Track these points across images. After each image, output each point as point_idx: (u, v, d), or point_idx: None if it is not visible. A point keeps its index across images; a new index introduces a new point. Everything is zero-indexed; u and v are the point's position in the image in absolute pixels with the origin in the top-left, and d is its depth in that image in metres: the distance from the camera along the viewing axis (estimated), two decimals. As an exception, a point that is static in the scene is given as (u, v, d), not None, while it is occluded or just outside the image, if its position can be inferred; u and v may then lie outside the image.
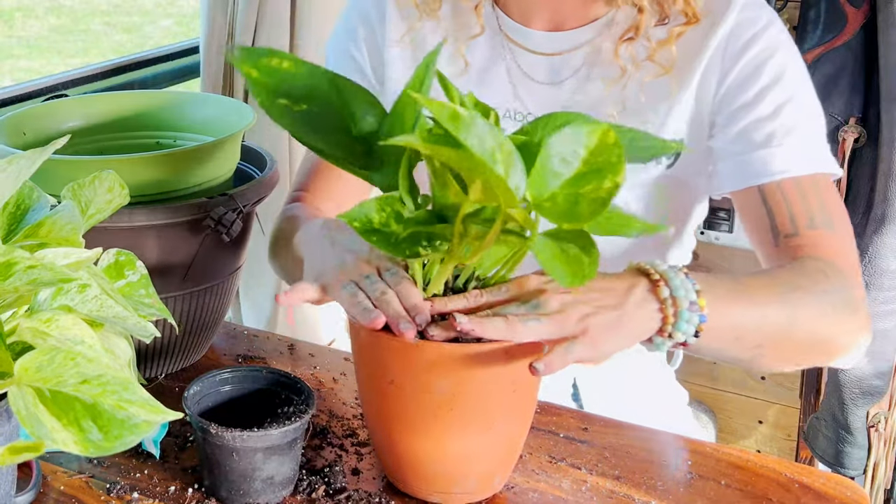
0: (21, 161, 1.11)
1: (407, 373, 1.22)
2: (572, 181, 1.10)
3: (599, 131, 1.09)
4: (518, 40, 1.67)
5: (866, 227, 2.33)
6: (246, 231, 1.72)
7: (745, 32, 1.57)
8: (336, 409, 1.56)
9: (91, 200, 1.29)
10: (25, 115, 1.80)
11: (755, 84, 1.55)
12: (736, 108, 1.57)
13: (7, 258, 1.04)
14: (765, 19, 1.58)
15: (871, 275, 2.34)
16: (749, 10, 1.58)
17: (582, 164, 1.10)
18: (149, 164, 1.58)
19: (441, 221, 1.16)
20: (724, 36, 1.57)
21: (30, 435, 0.98)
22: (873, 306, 2.32)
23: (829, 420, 2.43)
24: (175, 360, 1.70)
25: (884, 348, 2.36)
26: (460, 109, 1.03)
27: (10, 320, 1.09)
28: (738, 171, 1.56)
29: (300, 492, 1.36)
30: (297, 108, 1.26)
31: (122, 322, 1.15)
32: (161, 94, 2.00)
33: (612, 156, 1.08)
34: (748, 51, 1.56)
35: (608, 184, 1.08)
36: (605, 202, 1.08)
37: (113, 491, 1.37)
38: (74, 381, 1.01)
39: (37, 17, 11.21)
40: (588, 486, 1.37)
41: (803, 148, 1.53)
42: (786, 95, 1.55)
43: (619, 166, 1.08)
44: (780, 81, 1.55)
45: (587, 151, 1.10)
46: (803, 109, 1.56)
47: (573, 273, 1.06)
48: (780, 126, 1.54)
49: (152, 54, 2.83)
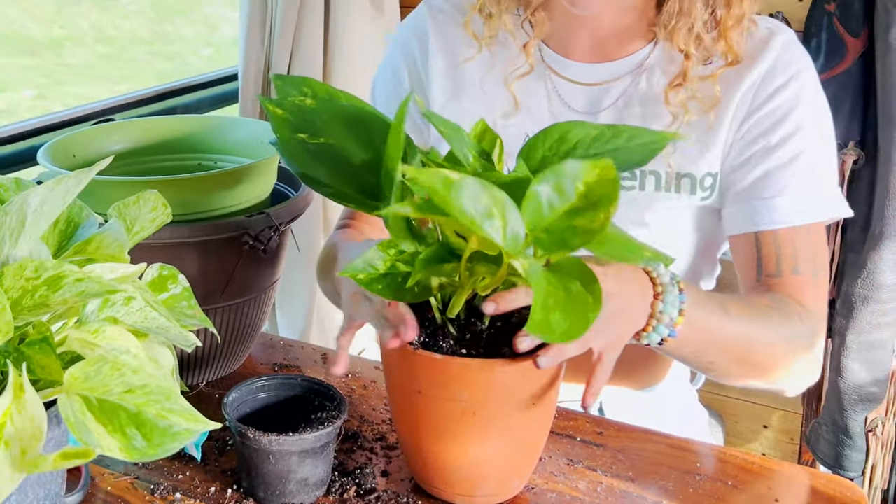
0: (69, 181, 1.11)
1: (433, 384, 1.23)
2: (568, 213, 1.07)
3: (601, 166, 1.05)
4: (559, 71, 1.66)
5: (864, 244, 2.34)
6: (282, 247, 1.72)
7: (779, 75, 1.55)
8: (366, 415, 1.56)
9: (136, 219, 1.29)
10: (75, 139, 1.81)
11: (779, 130, 1.54)
12: (756, 151, 1.56)
13: (57, 272, 1.04)
14: (800, 65, 1.57)
15: (869, 288, 2.34)
16: (787, 52, 1.57)
17: (579, 198, 1.07)
18: (190, 185, 1.59)
19: (450, 254, 1.15)
20: (759, 75, 1.56)
21: (78, 441, 0.98)
22: (869, 317, 2.34)
23: (830, 425, 2.44)
24: (215, 369, 1.70)
25: (881, 358, 2.37)
26: (450, 174, 1.02)
27: (60, 331, 1.10)
28: (744, 218, 1.56)
29: (333, 492, 1.36)
30: (312, 141, 1.26)
31: (165, 332, 1.16)
32: (202, 118, 2.00)
33: (609, 190, 1.05)
34: (778, 96, 1.55)
35: (602, 215, 1.05)
36: (597, 233, 1.06)
37: (157, 491, 1.37)
38: (120, 391, 1.01)
39: (85, 47, 11.26)
40: (603, 486, 1.38)
41: (808, 198, 1.54)
42: (804, 145, 1.54)
43: (615, 198, 1.05)
44: (801, 130, 1.54)
45: (586, 186, 1.06)
46: (818, 158, 1.55)
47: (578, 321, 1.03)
48: (791, 176, 1.53)
49: (193, 81, 2.85)
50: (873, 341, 2.36)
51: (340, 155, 1.27)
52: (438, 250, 1.15)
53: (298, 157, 1.27)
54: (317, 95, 1.31)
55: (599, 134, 1.23)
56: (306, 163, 1.27)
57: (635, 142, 1.22)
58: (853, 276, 2.35)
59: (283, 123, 1.26)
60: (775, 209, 1.53)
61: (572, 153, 1.23)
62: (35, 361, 1.04)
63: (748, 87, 1.56)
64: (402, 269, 1.16)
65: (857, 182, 2.37)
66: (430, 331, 1.27)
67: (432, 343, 1.25)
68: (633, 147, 1.22)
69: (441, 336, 1.26)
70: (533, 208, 1.07)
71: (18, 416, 0.95)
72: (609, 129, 1.23)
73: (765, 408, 2.70)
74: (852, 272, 2.35)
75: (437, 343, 1.25)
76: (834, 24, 2.35)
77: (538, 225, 1.08)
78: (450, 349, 1.24)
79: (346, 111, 1.28)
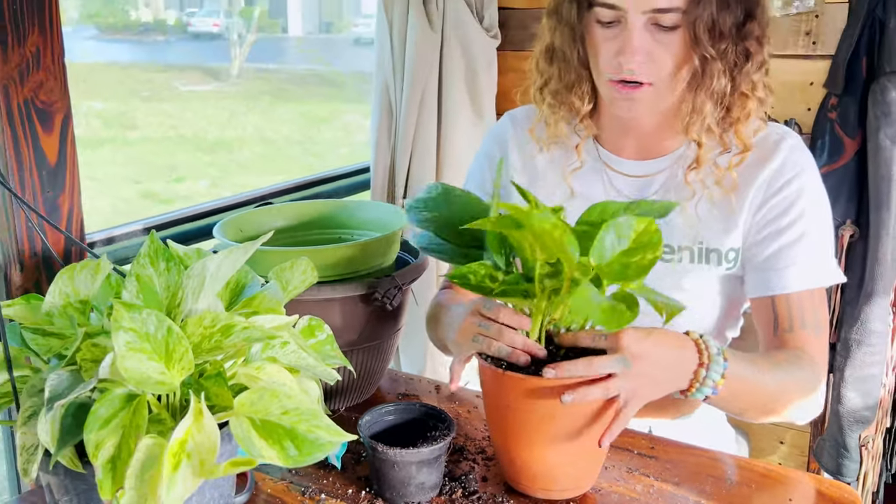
0: (238, 251, 1.13)
1: (518, 398, 1.27)
2: (625, 253, 1.20)
3: (646, 221, 1.21)
4: (612, 166, 1.66)
5: (859, 299, 2.37)
6: (404, 302, 1.73)
7: (787, 172, 1.56)
8: (470, 433, 1.57)
9: (290, 280, 1.31)
10: (242, 218, 1.84)
11: (787, 216, 1.55)
12: (770, 232, 1.56)
13: (229, 322, 1.06)
14: (803, 164, 1.57)
15: (863, 334, 2.37)
16: (794, 154, 1.57)
17: (632, 242, 1.20)
18: (332, 254, 1.61)
19: (526, 280, 1.23)
20: (771, 171, 1.56)
21: (245, 452, 1.00)
22: (863, 357, 2.39)
23: (832, 441, 2.47)
24: (352, 397, 1.71)
25: (872, 389, 2.41)
26: (523, 206, 1.19)
27: (231, 368, 1.12)
28: (761, 284, 1.57)
29: (444, 493, 1.37)
30: (432, 215, 1.37)
31: (312, 369, 1.17)
32: (341, 202, 2.02)
33: (653, 238, 1.20)
34: (786, 188, 1.55)
35: (650, 255, 1.20)
36: (647, 269, 1.20)
37: (307, 493, 1.39)
38: (278, 413, 1.03)
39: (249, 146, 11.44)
40: (655, 489, 1.38)
41: (813, 268, 1.54)
42: (808, 227, 1.55)
43: (658, 245, 1.20)
44: (805, 216, 1.55)
45: (636, 234, 1.20)
46: (820, 236, 1.56)
47: (614, 320, 1.13)
48: (800, 251, 1.54)
49: (334, 173, 2.86)
50: (865, 376, 2.39)
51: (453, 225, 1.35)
52: (517, 277, 1.24)
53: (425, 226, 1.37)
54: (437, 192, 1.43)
55: (626, 207, 1.29)
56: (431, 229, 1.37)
57: (650, 209, 1.30)
58: (850, 325, 2.38)
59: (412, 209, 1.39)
60: (786, 278, 1.54)
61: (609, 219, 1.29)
62: (211, 391, 1.06)
63: (762, 181, 1.56)
64: (488, 284, 1.25)
65: (853, 251, 2.41)
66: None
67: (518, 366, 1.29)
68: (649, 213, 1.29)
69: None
70: (600, 249, 1.20)
71: (198, 434, 0.97)
72: (632, 203, 1.30)
73: (780, 428, 2.71)
74: (849, 321, 2.38)
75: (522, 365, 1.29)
76: (835, 128, 2.38)
77: (604, 261, 1.20)
78: (531, 370, 1.27)
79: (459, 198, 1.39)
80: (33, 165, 1.65)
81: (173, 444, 0.95)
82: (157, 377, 1.00)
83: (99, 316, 1.17)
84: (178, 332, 1.02)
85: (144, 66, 15.25)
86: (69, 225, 1.72)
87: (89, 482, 1.06)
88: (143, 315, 1.01)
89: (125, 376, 0.98)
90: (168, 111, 12.63)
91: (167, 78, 14.45)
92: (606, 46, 1.50)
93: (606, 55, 1.50)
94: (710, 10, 1.43)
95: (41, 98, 1.64)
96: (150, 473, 0.95)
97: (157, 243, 1.16)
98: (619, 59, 1.47)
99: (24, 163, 1.63)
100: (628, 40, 1.46)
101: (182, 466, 0.94)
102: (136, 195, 9.11)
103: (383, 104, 2.80)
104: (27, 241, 1.66)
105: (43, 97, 1.65)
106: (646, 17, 1.44)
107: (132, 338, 1.00)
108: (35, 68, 1.63)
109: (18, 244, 1.65)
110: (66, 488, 1.09)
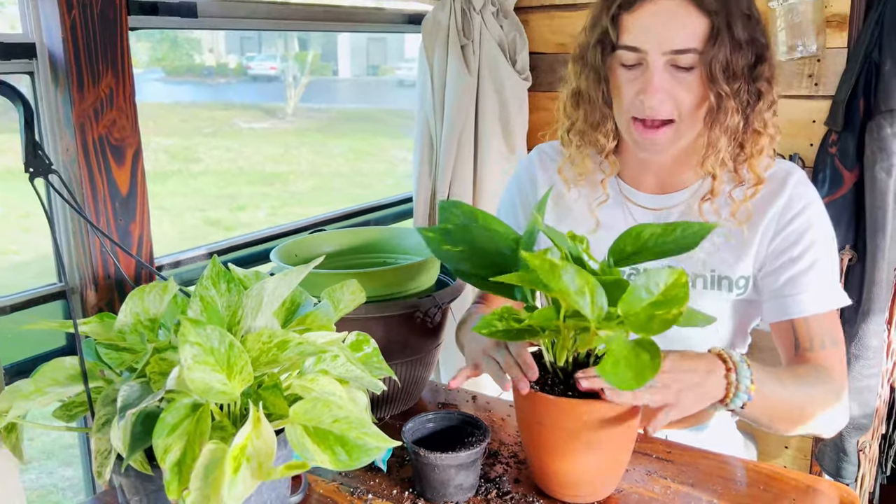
0: (293, 273, 1.14)
1: (547, 416, 1.27)
2: (652, 305, 1.15)
3: (676, 273, 1.16)
4: (633, 199, 1.67)
5: (857, 317, 2.38)
6: (444, 320, 1.73)
7: (795, 205, 1.56)
8: (504, 439, 1.56)
9: (340, 300, 1.32)
10: (296, 243, 1.85)
11: (798, 245, 1.55)
12: (784, 261, 1.55)
13: (284, 338, 1.07)
14: (808, 197, 1.57)
15: (860, 349, 2.38)
16: (799, 188, 1.57)
17: (659, 295, 1.15)
18: (378, 276, 1.61)
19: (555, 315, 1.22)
20: (781, 205, 1.56)
21: (299, 456, 1.00)
22: (861, 370, 2.38)
23: (832, 446, 2.48)
24: (396, 406, 1.70)
25: (868, 399, 2.40)
26: (556, 260, 1.13)
27: (286, 379, 1.12)
28: (779, 310, 1.56)
29: (479, 494, 1.37)
30: (455, 249, 1.34)
31: (360, 380, 1.18)
32: (386, 229, 2.03)
33: (681, 292, 1.14)
34: (796, 220, 1.55)
35: (675, 310, 1.13)
36: (670, 324, 1.13)
37: (355, 493, 1.39)
38: (329, 421, 1.04)
39: (303, 179, 11.50)
40: (672, 490, 1.37)
41: (826, 292, 1.54)
42: (817, 255, 1.54)
43: (684, 300, 1.13)
44: (815, 245, 1.55)
45: (665, 286, 1.15)
46: (829, 263, 1.56)
47: (638, 376, 1.08)
48: (812, 278, 1.54)
49: (379, 203, 2.87)
50: (863, 387, 2.39)
51: (474, 256, 1.34)
52: (548, 311, 1.21)
53: (447, 259, 1.35)
54: (462, 213, 1.40)
55: (662, 231, 1.25)
56: (452, 262, 1.35)
57: (687, 232, 1.25)
58: (848, 341, 2.37)
59: (433, 241, 1.35)
60: (802, 303, 1.54)
61: (645, 244, 1.27)
62: (268, 401, 1.06)
63: (772, 215, 1.56)
64: (514, 326, 1.23)
65: (851, 274, 2.42)
66: (548, 378, 1.32)
67: (548, 387, 1.29)
68: (686, 236, 1.24)
69: (554, 382, 1.31)
70: (630, 299, 1.16)
71: (257, 440, 0.97)
72: (669, 226, 1.25)
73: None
74: (848, 338, 2.38)
75: (551, 387, 1.29)
76: (835, 162, 2.39)
77: (631, 311, 1.16)
78: (560, 392, 1.28)
79: (475, 229, 1.34)
80: (107, 196, 1.67)
81: (234, 448, 0.95)
82: (220, 388, 1.01)
83: (166, 332, 1.18)
84: (239, 346, 1.03)
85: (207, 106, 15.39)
86: (139, 250, 1.74)
87: (157, 483, 1.07)
88: (207, 331, 1.02)
89: (190, 387, 0.99)
90: (229, 146, 12.74)
91: (228, 116, 14.58)
92: (629, 87, 1.50)
93: (629, 95, 1.51)
94: (724, 51, 1.43)
95: (114, 135, 1.67)
96: (212, 475, 0.95)
97: (218, 266, 1.17)
98: (641, 97, 1.48)
99: (99, 194, 1.65)
100: (650, 80, 1.47)
101: (242, 469, 0.95)
102: (201, 223, 9.18)
103: (425, 140, 2.82)
104: (101, 265, 1.67)
105: (116, 134, 1.67)
106: (665, 58, 1.45)
107: (197, 352, 1.00)
108: (108, 107, 1.65)
109: (94, 267, 1.67)
110: (137, 489, 1.10)
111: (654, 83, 1.46)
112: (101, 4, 1.61)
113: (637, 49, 1.47)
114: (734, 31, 1.44)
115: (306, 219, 2.48)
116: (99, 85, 1.62)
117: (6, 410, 1.09)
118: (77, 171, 1.62)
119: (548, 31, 2.96)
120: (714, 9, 1.44)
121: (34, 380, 1.12)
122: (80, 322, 1.17)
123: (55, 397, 1.11)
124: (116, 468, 1.08)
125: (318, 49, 17.56)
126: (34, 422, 1.14)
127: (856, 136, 2.36)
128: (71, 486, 3.99)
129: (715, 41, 1.43)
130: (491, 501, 1.36)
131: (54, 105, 1.61)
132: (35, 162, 1.16)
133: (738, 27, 1.44)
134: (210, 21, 2.01)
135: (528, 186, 1.78)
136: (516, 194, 1.81)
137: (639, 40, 1.47)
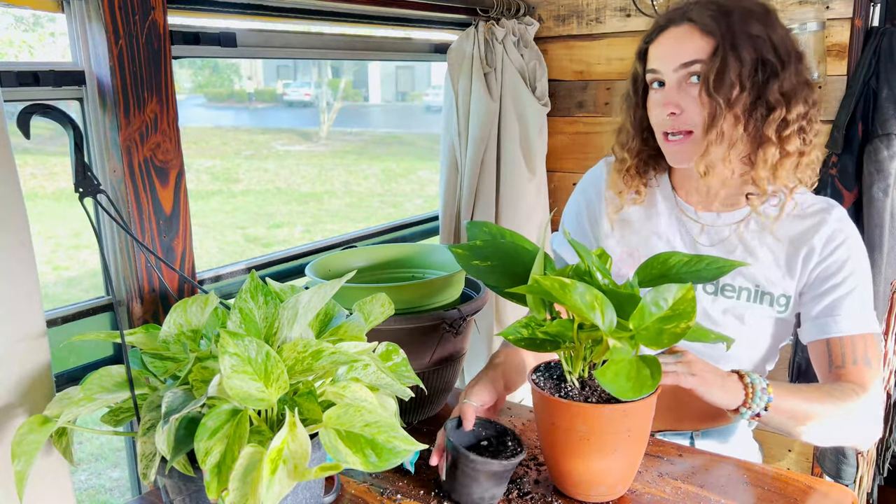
0: (326, 287, 1.15)
1: (562, 419, 1.27)
2: (661, 319, 1.17)
3: (684, 289, 1.17)
4: (688, 214, 1.68)
5: None
6: (468, 331, 1.73)
7: (837, 238, 1.57)
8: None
9: (370, 312, 1.32)
10: (330, 258, 1.85)
11: (840, 273, 1.56)
12: (826, 287, 1.57)
13: (318, 347, 1.07)
14: (848, 231, 1.59)
15: None
16: (840, 223, 1.59)
17: (668, 310, 1.17)
18: (407, 290, 1.61)
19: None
20: (825, 236, 1.57)
21: (332, 458, 1.01)
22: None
23: (833, 449, 2.46)
24: (423, 412, 1.70)
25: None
26: (566, 280, 1.16)
27: (320, 387, 1.12)
28: (817, 330, 1.57)
29: (503, 494, 1.37)
30: (483, 264, 1.36)
31: (390, 387, 1.18)
32: (414, 245, 2.03)
33: (689, 307, 1.16)
34: (838, 251, 1.56)
35: (683, 324, 1.16)
36: (680, 337, 1.16)
37: (385, 493, 1.39)
38: (360, 425, 1.04)
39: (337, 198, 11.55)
40: (682, 491, 1.37)
41: (862, 316, 1.55)
42: (857, 282, 1.56)
43: (692, 314, 1.16)
44: (854, 273, 1.56)
45: (674, 301, 1.17)
46: (866, 291, 1.57)
47: (636, 388, 1.11)
48: (851, 302, 1.55)
49: (409, 220, 2.87)
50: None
51: (502, 270, 1.36)
52: (564, 322, 1.24)
53: (475, 273, 1.37)
54: (490, 232, 1.43)
55: (689, 260, 1.30)
56: (481, 276, 1.36)
57: (711, 266, 1.29)
58: None
59: (462, 257, 1.37)
60: (840, 324, 1.55)
61: (671, 270, 1.30)
62: (303, 406, 1.07)
63: (816, 245, 1.58)
64: (539, 335, 1.26)
65: None
66: (563, 384, 1.33)
67: (565, 393, 1.30)
68: (709, 269, 1.28)
69: (568, 388, 1.31)
70: (640, 313, 1.17)
71: (292, 443, 0.98)
72: (696, 257, 1.30)
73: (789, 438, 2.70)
74: None
75: (567, 392, 1.30)
76: (835, 182, 2.41)
77: (641, 325, 1.18)
78: (574, 397, 1.28)
79: (503, 245, 1.38)
80: (152, 214, 1.68)
81: (271, 451, 0.95)
82: (258, 395, 1.01)
83: (208, 343, 1.19)
84: (276, 356, 1.04)
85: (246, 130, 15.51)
86: (182, 265, 1.75)
87: (199, 484, 1.08)
88: (245, 342, 1.03)
89: (230, 394, 0.99)
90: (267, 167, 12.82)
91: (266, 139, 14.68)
92: (655, 106, 1.56)
93: (654, 112, 1.57)
94: (722, 64, 1.46)
95: (159, 157, 1.68)
96: (251, 477, 0.96)
97: (256, 281, 1.18)
98: (660, 111, 1.54)
99: (144, 212, 1.67)
100: (665, 95, 1.53)
101: (279, 471, 0.95)
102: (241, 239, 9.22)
103: (450, 162, 2.82)
104: (146, 279, 1.69)
105: (160, 156, 1.68)
106: (677, 74, 1.51)
107: (236, 361, 1.01)
108: (153, 131, 1.66)
109: (139, 281, 1.68)
110: (180, 489, 1.11)
111: (667, 97, 1.52)
112: (146, 35, 1.62)
113: (655, 70, 1.54)
114: (738, 50, 1.46)
115: (339, 235, 2.48)
116: (144, 110, 1.64)
117: (57, 415, 1.10)
118: (124, 191, 1.63)
119: (566, 60, 2.96)
120: (717, 30, 1.48)
121: (83, 387, 1.13)
122: (126, 333, 1.18)
123: (103, 403, 1.12)
124: (161, 470, 1.09)
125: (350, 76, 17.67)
126: (83, 426, 1.15)
127: (855, 158, 2.38)
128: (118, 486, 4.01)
129: (716, 56, 1.47)
130: (512, 501, 1.35)
131: (102, 129, 1.63)
132: (84, 182, 1.17)
133: (743, 47, 1.46)
134: (248, 50, 2.03)
135: (594, 196, 1.80)
136: (582, 201, 1.82)
137: (656, 63, 1.54)
